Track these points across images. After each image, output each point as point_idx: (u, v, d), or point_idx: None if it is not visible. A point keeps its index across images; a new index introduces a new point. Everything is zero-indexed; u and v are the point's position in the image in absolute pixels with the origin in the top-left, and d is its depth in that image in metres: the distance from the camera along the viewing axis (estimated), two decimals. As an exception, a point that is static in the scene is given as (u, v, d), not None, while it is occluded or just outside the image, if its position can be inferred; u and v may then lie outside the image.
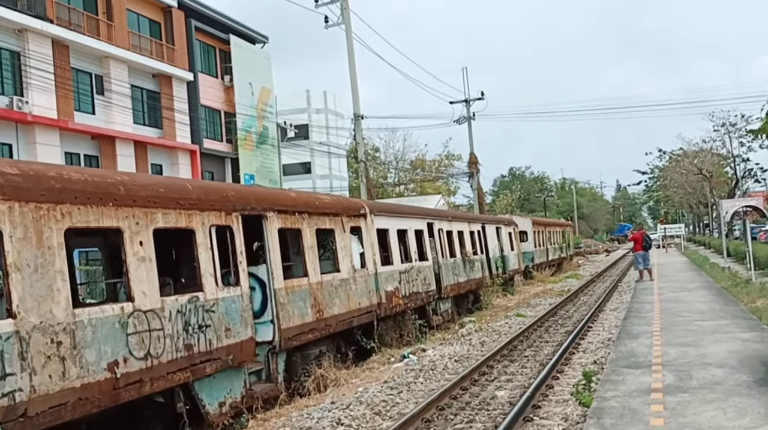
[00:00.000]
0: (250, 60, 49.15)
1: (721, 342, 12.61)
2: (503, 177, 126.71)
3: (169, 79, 41.67)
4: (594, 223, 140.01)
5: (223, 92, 47.19)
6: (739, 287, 23.90)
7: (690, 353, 11.72)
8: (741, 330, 13.93)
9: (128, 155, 38.01)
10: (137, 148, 38.98)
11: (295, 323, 12.95)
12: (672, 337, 13.55)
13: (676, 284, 26.14)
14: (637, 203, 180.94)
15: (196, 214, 10.55)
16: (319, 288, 13.98)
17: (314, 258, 13.98)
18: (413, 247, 20.14)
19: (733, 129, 61.00)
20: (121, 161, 37.19)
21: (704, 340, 12.99)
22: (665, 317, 16.62)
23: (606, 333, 16.90)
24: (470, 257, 25.71)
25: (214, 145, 45.96)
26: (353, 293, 15.54)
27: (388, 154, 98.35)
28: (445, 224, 23.83)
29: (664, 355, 11.67)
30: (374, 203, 18.45)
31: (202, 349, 10.22)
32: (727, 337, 13.12)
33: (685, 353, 11.81)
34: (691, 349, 12.16)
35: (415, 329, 19.74)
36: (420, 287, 20.12)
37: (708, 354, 11.56)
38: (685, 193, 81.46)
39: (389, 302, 17.59)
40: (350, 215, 16.00)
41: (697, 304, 19.13)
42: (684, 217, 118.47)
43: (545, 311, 22.47)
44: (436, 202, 74.52)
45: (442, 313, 22.51)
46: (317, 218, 14.35)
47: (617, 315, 20.23)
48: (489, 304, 27.41)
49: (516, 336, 16.66)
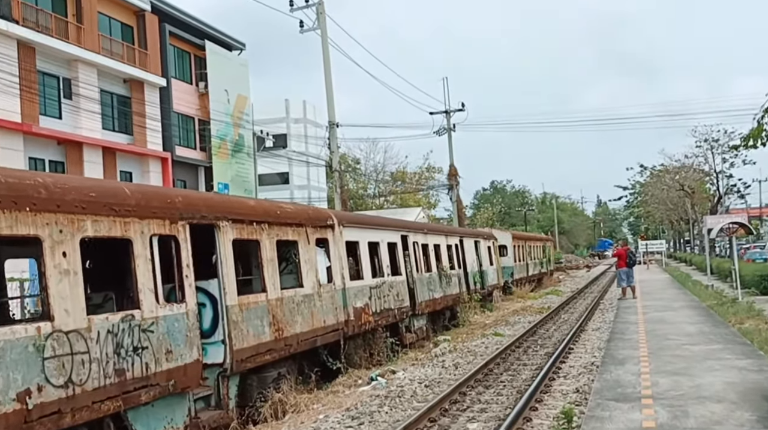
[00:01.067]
0: (226, 67, 47.99)
1: (716, 370, 11.55)
2: (484, 190, 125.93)
3: (141, 85, 40.45)
4: (575, 238, 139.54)
5: (198, 99, 45.99)
6: (725, 307, 23.00)
7: (683, 384, 10.63)
8: (735, 356, 12.87)
9: (96, 162, 36.73)
10: (106, 154, 37.71)
11: (250, 343, 11.79)
12: (661, 363, 12.47)
13: (661, 303, 25.15)
14: (617, 219, 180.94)
15: (134, 222, 9.39)
16: (278, 305, 12.83)
17: (274, 272, 12.84)
18: (385, 261, 19.04)
19: (715, 145, 60.38)
20: (89, 168, 35.90)
21: (697, 368, 11.91)
22: (652, 339, 15.56)
23: (589, 356, 15.82)
24: (447, 272, 24.63)
25: (188, 153, 44.74)
26: (318, 309, 14.41)
27: (368, 165, 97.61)
28: (421, 236, 22.75)
29: (654, 385, 10.57)
30: (343, 214, 17.34)
31: (138, 374, 9.05)
32: (721, 365, 12.06)
33: (678, 383, 10.72)
34: (683, 379, 11.06)
35: (387, 347, 18.62)
36: (392, 303, 19.01)
37: (703, 385, 10.48)
38: (666, 209, 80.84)
39: (358, 320, 16.46)
40: (316, 225, 14.88)
41: (684, 325, 18.11)
42: (664, 233, 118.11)
43: (524, 329, 21.37)
44: (416, 215, 73.42)
45: (416, 330, 21.40)
46: (278, 229, 13.22)
47: (600, 336, 19.20)
48: (466, 321, 26.32)
49: (492, 358, 15.51)
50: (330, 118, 29.69)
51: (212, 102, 45.85)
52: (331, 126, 29.70)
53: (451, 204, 57.24)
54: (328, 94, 29.18)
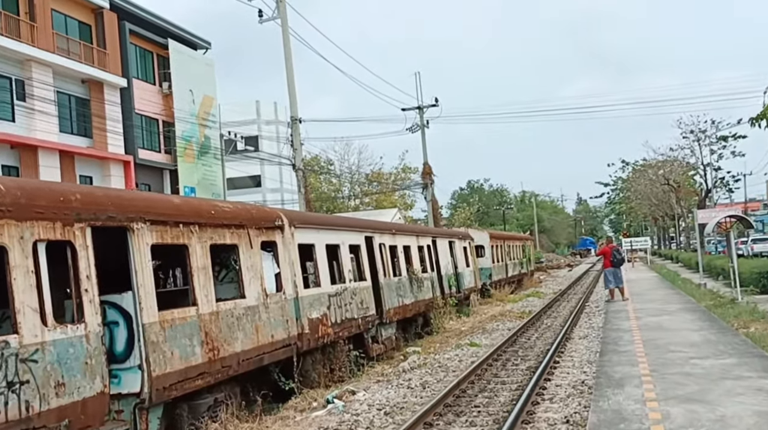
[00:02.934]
0: (191, 66, 46.10)
1: (739, 395, 9.52)
2: (461, 190, 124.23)
3: (100, 85, 38.53)
4: (555, 237, 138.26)
5: (162, 100, 44.07)
6: (725, 308, 21.36)
7: (702, 416, 8.54)
8: (758, 374, 10.85)
9: (53, 166, 34.84)
10: (63, 158, 35.81)
11: (176, 366, 10.01)
12: (669, 385, 10.45)
13: (654, 306, 23.38)
14: (598, 217, 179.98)
15: (11, 225, 7.60)
16: (213, 320, 11.05)
17: (207, 282, 11.06)
18: (347, 265, 17.27)
19: (702, 136, 58.53)
20: (45, 172, 33.99)
21: (714, 391, 9.88)
22: (652, 351, 13.70)
23: (578, 372, 13.94)
24: (418, 276, 22.90)
25: (151, 156, 42.82)
26: (264, 323, 12.63)
27: (343, 167, 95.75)
28: (388, 237, 21.01)
29: (667, 419, 8.51)
30: (296, 213, 15.56)
31: (13, 416, 7.26)
32: (743, 387, 10.04)
33: (696, 415, 8.63)
34: (701, 408, 8.95)
35: (350, 361, 16.87)
36: (355, 312, 17.26)
37: (728, 418, 8.41)
38: (650, 205, 79.23)
39: (315, 332, 14.70)
40: (261, 227, 13.09)
41: (686, 332, 16.28)
42: (647, 229, 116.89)
43: (503, 338, 19.54)
44: (392, 217, 71.70)
45: (384, 340, 19.65)
46: (213, 231, 11.43)
47: (588, 345, 17.40)
48: (441, 328, 24.60)
49: (466, 376, 13.64)
50: (292, 113, 27.90)
51: (176, 103, 43.97)
52: (294, 122, 27.92)
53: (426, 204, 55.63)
54: (290, 88, 27.39)
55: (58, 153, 35.34)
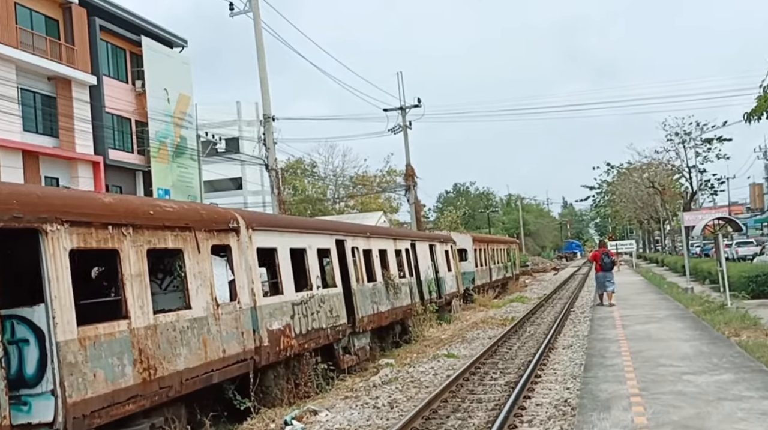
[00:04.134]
0: (166, 64, 44.59)
1: (741, 421, 8.24)
2: (447, 193, 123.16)
3: (68, 83, 37.05)
4: (541, 240, 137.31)
5: (135, 99, 42.59)
6: (714, 315, 20.19)
7: None
8: (760, 394, 9.59)
9: (15, 167, 33.32)
10: (27, 158, 34.35)
11: (100, 390, 8.65)
12: (662, 408, 9.15)
13: (641, 312, 22.12)
14: (584, 220, 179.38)
15: None
16: (149, 335, 9.70)
17: (142, 291, 9.70)
18: (315, 271, 15.92)
19: (687, 138, 57.58)
20: (6, 173, 32.46)
21: (713, 416, 8.59)
22: (640, 365, 12.39)
23: (560, 388, 12.59)
24: (395, 281, 21.56)
25: (124, 157, 41.31)
26: (214, 336, 11.28)
27: (327, 170, 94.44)
28: (362, 241, 19.68)
29: None
30: (254, 215, 14.19)
31: None
32: (744, 409, 8.76)
33: None
34: None
35: (318, 375, 15.55)
36: (324, 321, 15.92)
37: None
38: (635, 208, 78.26)
39: (275, 345, 13.36)
40: (212, 229, 11.73)
41: (676, 342, 15.00)
42: (632, 233, 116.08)
43: (483, 348, 18.20)
44: (377, 220, 70.30)
45: (358, 351, 18.31)
46: (152, 234, 10.08)
47: (573, 356, 16.07)
48: (420, 335, 23.31)
49: (439, 392, 12.31)
50: (265, 110, 26.56)
51: (150, 102, 42.47)
52: (266, 119, 26.57)
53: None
54: (263, 84, 26.05)
55: (21, 153, 33.87)
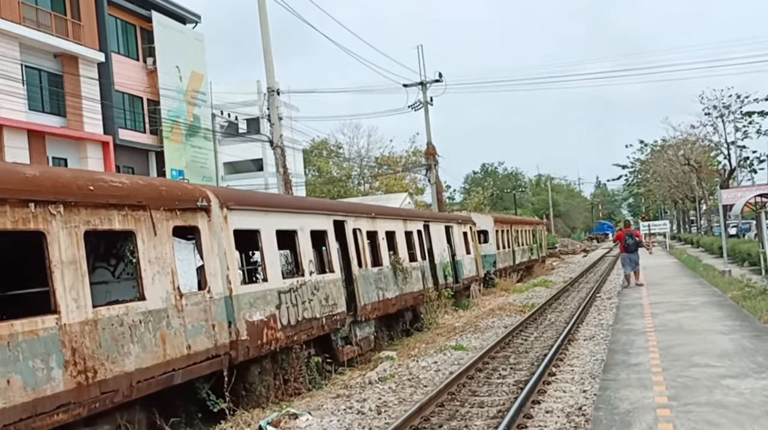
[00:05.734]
0: (178, 41, 43.25)
1: None
2: (475, 174, 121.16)
3: (75, 60, 35.82)
4: (572, 221, 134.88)
5: (146, 77, 41.34)
6: (755, 301, 18.36)
7: None
8: None
9: (20, 147, 32.25)
10: (33, 138, 33.23)
11: (16, 399, 7.26)
12: (695, 426, 7.40)
13: (673, 298, 20.31)
14: (617, 200, 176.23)
15: None
16: (87, 331, 8.29)
17: (77, 281, 8.29)
18: (307, 254, 14.46)
19: (726, 112, 54.79)
20: (11, 154, 31.38)
21: None
22: (670, 365, 10.67)
23: (576, 390, 10.90)
24: (404, 265, 20.04)
25: (135, 137, 40.11)
26: (176, 331, 9.86)
27: (352, 151, 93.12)
28: (366, 222, 18.17)
29: None
30: (230, 192, 12.67)
31: None
32: None
33: None
34: None
35: (311, 369, 14.13)
36: (318, 310, 14.47)
37: None
38: (669, 187, 75.56)
39: (257, 338, 11.93)
40: (174, 208, 10.27)
41: (713, 335, 13.27)
42: (666, 213, 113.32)
43: (496, 338, 16.59)
44: (402, 201, 68.85)
45: (360, 341, 16.86)
46: (91, 213, 8.65)
47: (594, 349, 14.45)
48: (433, 323, 21.79)
49: (436, 395, 10.70)
50: (269, 84, 25.05)
51: (162, 79, 41.18)
52: (270, 93, 25.10)
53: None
54: (266, 54, 24.56)
55: (27, 133, 32.76)
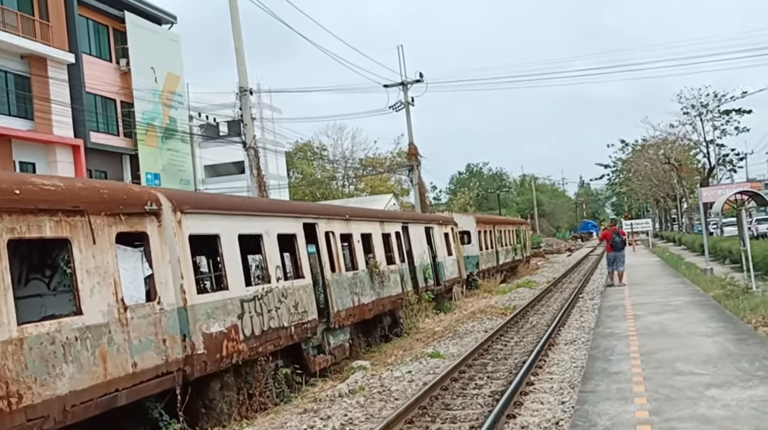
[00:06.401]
0: (153, 42, 42.25)
1: None
2: (460, 174, 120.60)
3: (43, 61, 34.79)
4: (556, 220, 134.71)
5: (120, 78, 40.33)
6: (738, 300, 17.77)
7: None
8: None
9: (-17, 151, 31.30)
10: (-1, 142, 32.22)
11: None
12: None
13: (656, 298, 19.68)
14: (600, 199, 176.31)
15: None
16: (11, 352, 7.43)
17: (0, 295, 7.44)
18: (274, 260, 13.61)
19: (704, 111, 54.69)
20: (-25, 159, 30.47)
21: None
22: (652, 373, 9.96)
23: (555, 402, 10.12)
24: (381, 269, 19.24)
25: (108, 140, 39.09)
26: (120, 347, 9.00)
27: (336, 152, 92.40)
28: (339, 224, 17.34)
29: None
30: (185, 195, 11.81)
31: None
32: None
33: None
34: None
35: (279, 382, 13.30)
36: (286, 318, 13.63)
37: None
38: (651, 186, 75.45)
39: (216, 351, 11.08)
40: (117, 212, 9.41)
41: (696, 339, 12.61)
42: (649, 211, 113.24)
43: (475, 343, 15.83)
44: (386, 203, 68.04)
45: (334, 349, 16.04)
46: (17, 219, 7.79)
47: (574, 355, 13.73)
48: (413, 328, 21.04)
49: (404, 410, 9.96)
50: (241, 83, 24.22)
51: (135, 80, 40.21)
52: (243, 93, 24.26)
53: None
54: (238, 53, 23.72)
55: (-8, 137, 31.80)
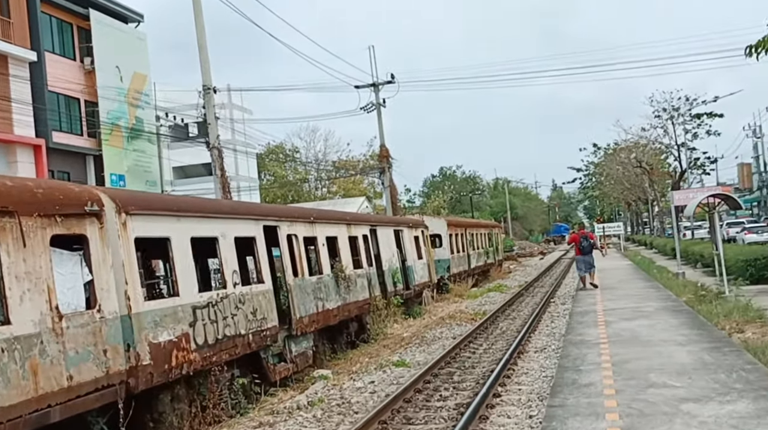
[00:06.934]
0: (118, 40, 41.27)
1: None
2: (434, 177, 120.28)
3: (4, 59, 33.79)
4: (529, 224, 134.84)
5: (84, 77, 39.34)
6: (711, 305, 17.39)
7: None
8: None
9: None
10: (-46, 143, 31.26)
11: None
12: None
13: (628, 304, 19.23)
14: (573, 203, 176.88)
15: None
16: (-76, 366, 6.74)
17: None
18: (230, 264, 12.94)
19: (676, 114, 54.64)
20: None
21: None
22: (625, 386, 9.37)
23: (523, 415, 9.53)
24: (347, 273, 18.63)
25: (71, 140, 38.10)
26: (54, 359, 8.32)
27: (309, 154, 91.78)
28: (303, 227, 16.71)
29: None
30: (131, 195, 11.13)
31: None
32: None
33: None
34: None
35: (235, 393, 12.64)
36: (244, 325, 12.97)
37: None
38: (622, 189, 75.58)
39: (164, 361, 10.41)
40: (52, 213, 8.73)
41: (670, 347, 12.07)
42: (621, 215, 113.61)
43: (443, 351, 15.24)
44: (359, 206, 67.39)
45: (296, 357, 15.40)
46: (-65, 222, 7.10)
47: (544, 364, 13.20)
48: (380, 333, 20.44)
49: (365, 423, 9.36)
50: (205, 81, 23.55)
51: (100, 80, 39.25)
52: (206, 91, 23.62)
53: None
54: (201, 51, 23.04)
55: (-53, 137, 30.84)
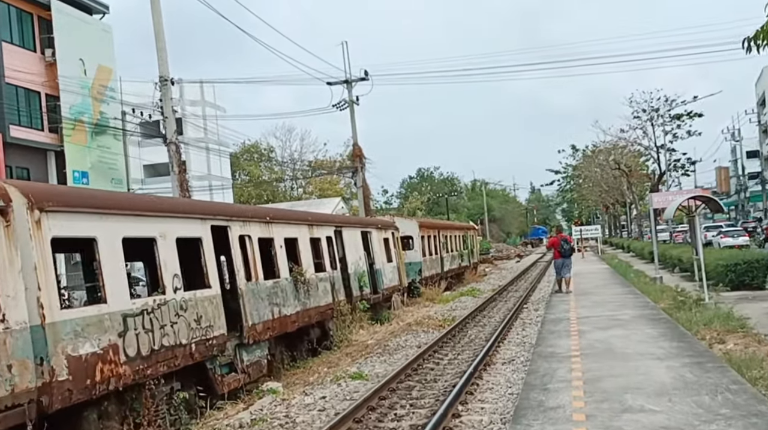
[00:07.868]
0: (82, 31, 39.87)
1: None
2: (411, 178, 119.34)
3: (-42, 50, 32.49)
4: (506, 226, 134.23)
5: (45, 69, 37.95)
6: (690, 313, 16.48)
7: None
8: None
9: None
10: None
11: None
12: None
13: (603, 311, 18.25)
14: (551, 205, 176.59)
15: None
16: None
17: None
18: (171, 268, 11.79)
19: (655, 115, 53.92)
20: None
21: None
22: (596, 410, 8.29)
23: None
24: (307, 277, 17.51)
25: (31, 135, 36.73)
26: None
27: (284, 154, 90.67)
28: (258, 227, 15.57)
29: None
30: (49, 189, 9.95)
31: None
32: None
33: None
34: None
35: (175, 408, 11.51)
36: (185, 334, 11.83)
37: None
38: (600, 192, 74.94)
39: (86, 377, 9.27)
40: (-55, 210, 7.60)
41: (647, 362, 11.05)
42: (598, 218, 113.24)
43: (405, 362, 14.15)
44: (335, 206, 66.24)
45: (248, 367, 14.26)
46: None
47: (511, 378, 12.13)
48: (345, 340, 19.33)
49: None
50: (161, 72, 22.34)
51: (62, 72, 37.83)
52: (163, 83, 22.40)
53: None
54: (158, 39, 21.85)
55: None
